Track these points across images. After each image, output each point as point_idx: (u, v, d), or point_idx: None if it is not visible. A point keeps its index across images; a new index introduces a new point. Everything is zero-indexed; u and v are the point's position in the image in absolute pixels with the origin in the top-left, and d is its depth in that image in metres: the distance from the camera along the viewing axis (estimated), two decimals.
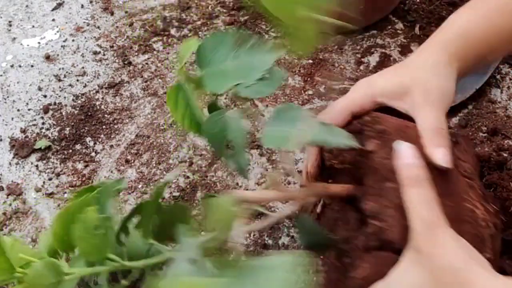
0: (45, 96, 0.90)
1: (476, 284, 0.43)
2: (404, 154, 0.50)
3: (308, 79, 0.89)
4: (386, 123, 0.54)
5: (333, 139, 0.50)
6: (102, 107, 0.88)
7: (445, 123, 0.54)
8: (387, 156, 0.51)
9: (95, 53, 0.96)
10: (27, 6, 1.06)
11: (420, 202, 0.48)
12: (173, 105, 0.54)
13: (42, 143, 0.83)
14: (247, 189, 0.77)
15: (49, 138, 0.84)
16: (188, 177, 0.78)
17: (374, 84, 0.58)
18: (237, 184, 0.77)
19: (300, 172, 0.74)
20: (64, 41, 0.98)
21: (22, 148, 0.83)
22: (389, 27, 0.96)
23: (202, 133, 0.55)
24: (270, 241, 0.72)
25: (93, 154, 0.82)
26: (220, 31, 0.54)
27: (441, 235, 0.46)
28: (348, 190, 0.54)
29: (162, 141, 0.83)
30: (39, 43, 0.98)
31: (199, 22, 1.00)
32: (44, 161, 0.81)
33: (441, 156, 0.51)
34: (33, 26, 1.02)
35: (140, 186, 0.78)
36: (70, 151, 0.83)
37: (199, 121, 0.55)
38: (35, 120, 0.87)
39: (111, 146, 0.83)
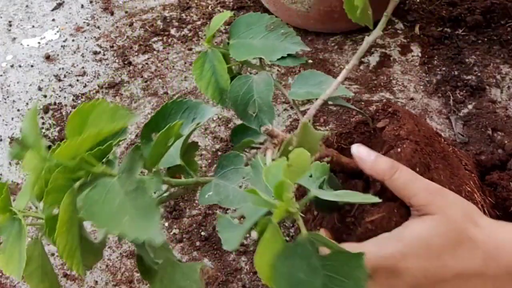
0: (45, 96, 0.90)
1: (478, 237, 0.46)
2: (365, 155, 0.52)
3: None
4: (397, 107, 0.60)
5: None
6: None
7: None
8: (396, 128, 0.56)
9: (95, 53, 0.96)
10: (27, 6, 1.06)
11: (407, 180, 0.49)
12: (198, 74, 0.58)
13: None
14: None
15: (49, 138, 0.84)
16: None
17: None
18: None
19: None
20: (64, 41, 0.98)
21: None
22: (389, 27, 0.96)
23: (223, 102, 0.59)
24: None
25: None
26: (258, 13, 0.61)
27: (444, 196, 0.48)
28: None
29: None
30: (39, 43, 0.98)
31: (199, 22, 1.00)
32: None
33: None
34: (33, 26, 1.02)
35: None
36: None
37: (223, 89, 0.58)
38: None
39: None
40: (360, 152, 0.53)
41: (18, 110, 0.88)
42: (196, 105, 0.51)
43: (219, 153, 0.81)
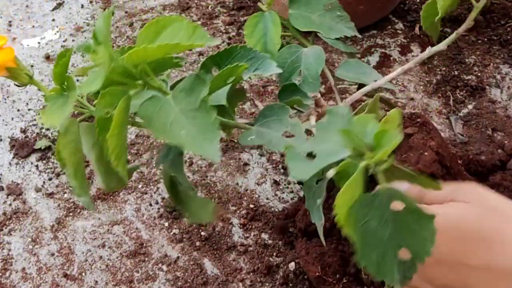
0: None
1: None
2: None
3: None
4: (427, 119, 0.64)
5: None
6: None
7: None
8: (426, 138, 0.61)
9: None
10: (27, 6, 1.06)
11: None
12: (250, 31, 0.61)
13: (42, 143, 0.83)
14: (246, 190, 0.77)
15: (49, 138, 0.84)
16: (188, 177, 0.78)
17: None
18: (237, 184, 0.77)
19: None
20: (64, 41, 0.98)
21: (22, 148, 0.83)
22: (389, 27, 0.96)
23: None
24: (270, 241, 0.72)
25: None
26: None
27: (473, 187, 0.48)
28: None
29: (162, 141, 0.83)
30: (39, 43, 0.98)
31: (199, 22, 1.00)
32: (44, 161, 0.81)
33: None
34: (33, 26, 1.02)
35: (140, 186, 0.78)
36: None
37: (270, 51, 0.60)
38: (35, 120, 0.87)
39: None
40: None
41: (18, 110, 0.88)
42: (263, 57, 0.53)
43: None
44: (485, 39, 0.92)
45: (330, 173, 0.41)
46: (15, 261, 0.72)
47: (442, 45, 0.57)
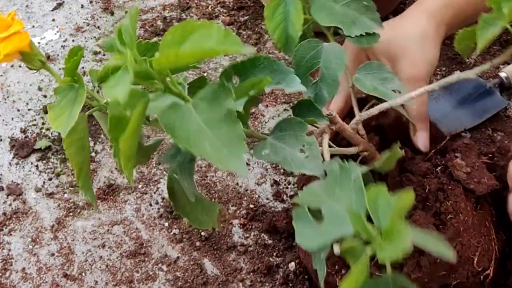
0: (45, 96, 0.90)
1: None
2: None
3: None
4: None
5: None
6: None
7: (426, 97, 0.64)
8: None
9: (95, 53, 0.96)
10: (27, 6, 1.06)
11: None
12: (270, 15, 0.58)
13: (42, 143, 0.83)
14: (246, 190, 0.77)
15: (49, 138, 0.84)
16: None
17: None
18: (237, 184, 0.77)
19: None
20: (64, 41, 0.98)
21: (22, 148, 0.83)
22: None
23: (287, 49, 0.58)
24: (270, 241, 0.72)
25: (93, 154, 0.82)
26: None
27: None
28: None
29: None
30: (39, 43, 0.98)
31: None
32: (44, 161, 0.81)
33: (422, 141, 0.62)
34: (33, 26, 1.01)
35: (140, 186, 0.78)
36: None
37: (290, 36, 0.58)
38: (35, 120, 0.87)
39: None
40: None
41: (18, 110, 0.88)
42: (286, 72, 0.51)
43: None
44: None
45: (337, 251, 0.41)
46: (15, 261, 0.72)
47: (472, 73, 0.54)
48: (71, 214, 0.76)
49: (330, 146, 0.57)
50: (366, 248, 0.40)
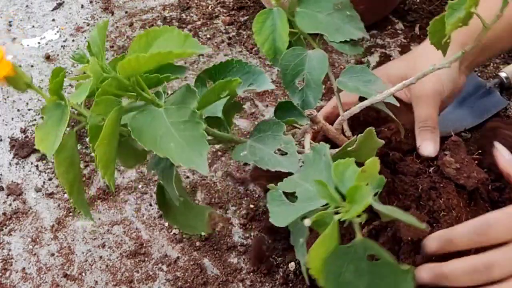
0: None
1: None
2: (504, 153, 0.59)
3: None
4: None
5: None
6: None
7: (435, 118, 0.64)
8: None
9: None
10: (27, 6, 1.06)
11: None
12: (258, 28, 0.60)
13: None
14: (247, 190, 0.76)
15: None
16: (188, 177, 0.78)
17: (387, 70, 0.69)
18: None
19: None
20: (64, 41, 0.98)
21: (22, 148, 0.83)
22: (389, 27, 0.96)
23: (276, 61, 0.61)
24: (270, 241, 0.72)
25: (93, 154, 0.82)
26: None
27: None
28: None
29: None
30: (39, 43, 0.98)
31: (199, 22, 1.00)
32: (44, 161, 0.81)
33: (424, 148, 0.63)
34: (33, 26, 1.02)
35: (140, 186, 0.78)
36: None
37: (278, 49, 0.60)
38: (35, 120, 0.87)
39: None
40: (501, 150, 0.60)
41: (18, 110, 0.88)
42: (258, 72, 0.53)
43: (219, 153, 0.81)
44: None
45: (307, 222, 0.42)
46: (15, 261, 0.72)
47: (446, 63, 0.55)
48: (71, 214, 0.76)
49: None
50: (334, 216, 0.41)
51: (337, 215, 0.41)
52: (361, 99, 0.61)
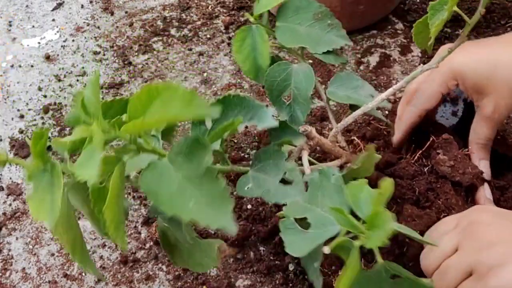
0: (45, 96, 0.90)
1: None
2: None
3: None
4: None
5: None
6: None
7: (492, 139, 0.64)
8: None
9: (95, 53, 0.96)
10: (27, 6, 1.06)
11: None
12: (238, 47, 0.58)
13: None
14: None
15: (49, 138, 0.84)
16: None
17: (462, 73, 0.62)
18: None
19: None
20: (64, 41, 0.98)
21: (22, 148, 0.83)
22: (389, 27, 0.96)
23: (258, 79, 0.59)
24: (269, 241, 0.72)
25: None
26: None
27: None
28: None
29: None
30: (39, 43, 0.98)
31: (199, 22, 1.00)
32: None
33: (484, 167, 0.62)
34: (33, 26, 1.02)
35: None
36: None
37: (260, 66, 0.58)
38: (35, 120, 0.87)
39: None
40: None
41: (18, 110, 0.88)
42: (258, 107, 0.51)
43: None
44: None
45: (326, 250, 0.41)
46: (15, 261, 0.72)
47: (434, 63, 0.56)
48: None
49: (312, 163, 0.57)
50: (355, 242, 0.41)
51: (357, 241, 0.41)
52: (352, 107, 0.61)
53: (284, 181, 0.51)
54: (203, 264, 0.54)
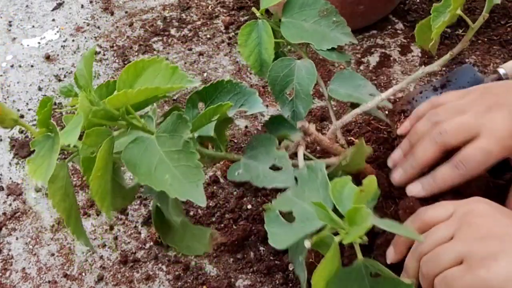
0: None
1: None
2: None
3: None
4: None
5: None
6: None
7: None
8: None
9: (95, 53, 0.96)
10: (27, 6, 1.06)
11: None
12: (243, 41, 0.59)
13: None
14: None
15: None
16: None
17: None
18: None
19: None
20: (64, 41, 0.98)
21: (22, 148, 0.83)
22: (389, 27, 0.96)
23: (262, 74, 0.60)
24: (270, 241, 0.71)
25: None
26: None
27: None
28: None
29: None
30: (39, 43, 0.98)
31: (199, 22, 1.00)
32: None
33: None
34: (33, 26, 1.02)
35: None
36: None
37: (264, 61, 0.59)
38: (35, 120, 0.87)
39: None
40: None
41: (18, 110, 0.88)
42: (249, 93, 0.52)
43: None
44: (485, 39, 0.92)
45: (307, 244, 0.42)
46: (15, 261, 0.72)
47: (435, 66, 0.56)
48: None
49: (309, 158, 0.57)
50: (334, 238, 0.41)
51: (337, 236, 0.41)
52: (353, 105, 0.61)
53: (274, 168, 0.52)
54: (191, 247, 0.57)
